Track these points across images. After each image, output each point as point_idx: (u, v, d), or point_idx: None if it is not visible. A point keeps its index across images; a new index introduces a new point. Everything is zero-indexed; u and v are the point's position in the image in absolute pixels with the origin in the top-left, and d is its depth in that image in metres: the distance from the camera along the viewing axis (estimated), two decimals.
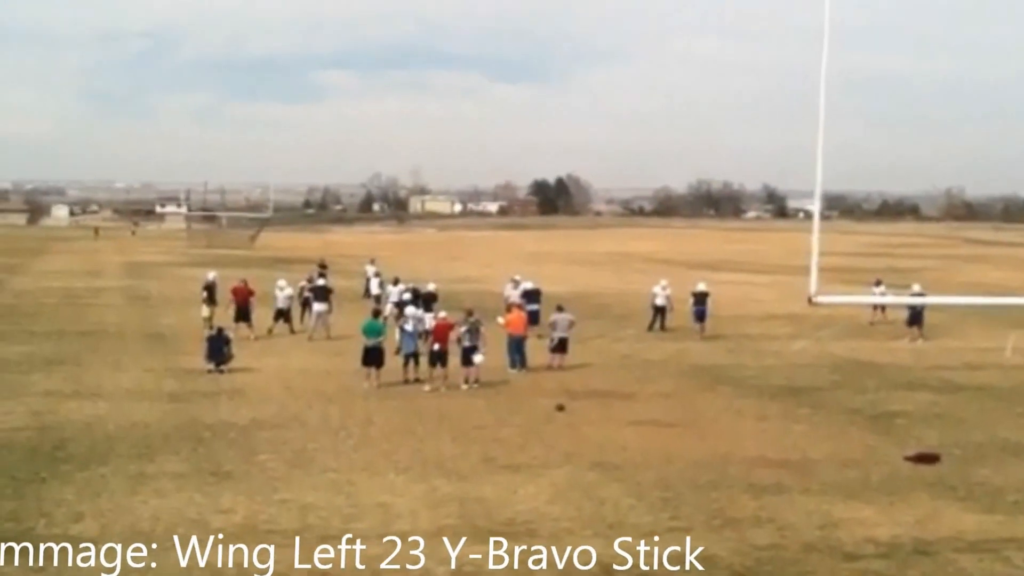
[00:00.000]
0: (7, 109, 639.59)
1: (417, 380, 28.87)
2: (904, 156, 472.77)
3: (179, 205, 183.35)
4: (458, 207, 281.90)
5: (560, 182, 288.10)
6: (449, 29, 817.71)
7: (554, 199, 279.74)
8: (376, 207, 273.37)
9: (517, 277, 43.43)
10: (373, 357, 28.60)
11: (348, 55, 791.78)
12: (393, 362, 29.33)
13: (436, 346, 28.50)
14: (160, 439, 21.86)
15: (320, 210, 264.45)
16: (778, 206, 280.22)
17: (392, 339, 30.47)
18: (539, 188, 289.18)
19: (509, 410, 25.70)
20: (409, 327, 29.86)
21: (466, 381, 28.41)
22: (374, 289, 46.22)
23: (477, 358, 28.76)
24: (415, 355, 29.36)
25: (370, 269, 50.90)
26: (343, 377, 29.30)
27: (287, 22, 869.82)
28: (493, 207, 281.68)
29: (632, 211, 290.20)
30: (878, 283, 44.74)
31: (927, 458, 21.17)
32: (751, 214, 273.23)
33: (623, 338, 39.61)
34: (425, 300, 37.35)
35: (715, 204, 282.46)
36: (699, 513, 17.36)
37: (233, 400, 26.21)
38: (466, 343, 28.77)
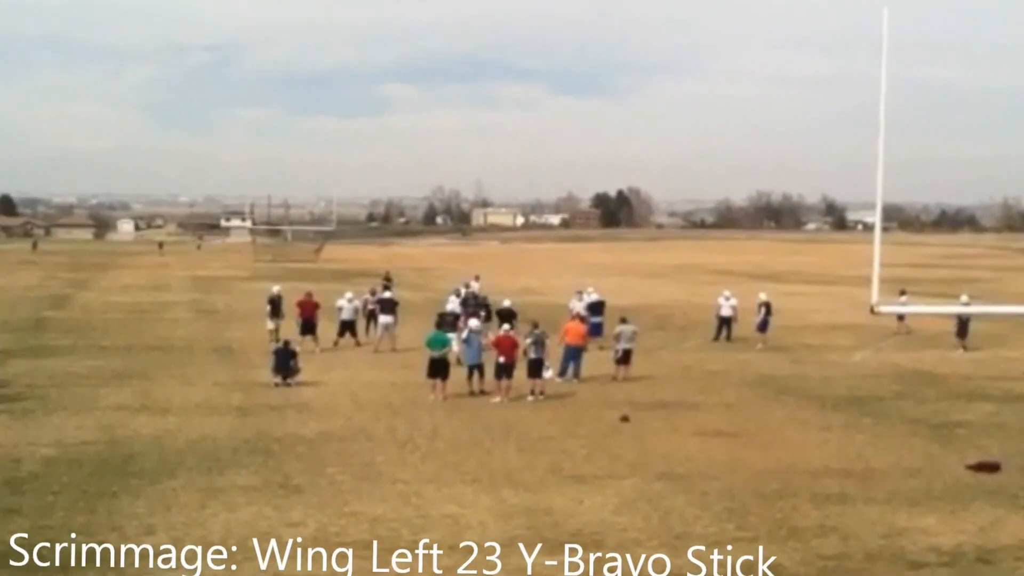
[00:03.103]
0: (72, 123, 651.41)
1: (482, 392, 29.14)
2: (962, 167, 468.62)
3: (243, 219, 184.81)
4: (520, 220, 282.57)
5: (621, 195, 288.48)
6: (512, 42, 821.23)
7: (615, 212, 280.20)
8: (439, 220, 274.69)
9: (589, 289, 43.46)
10: (438, 369, 28.79)
11: (410, 68, 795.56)
12: (458, 374, 29.65)
13: (501, 359, 28.77)
14: (229, 453, 22.14)
15: (383, 223, 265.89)
16: (837, 218, 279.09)
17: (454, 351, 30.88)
18: (601, 201, 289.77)
19: (574, 421, 25.83)
20: (466, 338, 30.29)
21: (532, 393, 28.59)
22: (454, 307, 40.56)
23: (547, 373, 29.10)
24: (479, 367, 29.66)
25: (474, 285, 46.58)
26: (409, 389, 29.53)
27: (349, 36, 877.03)
28: (555, 219, 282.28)
29: (693, 223, 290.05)
30: (902, 293, 44.22)
31: (988, 467, 21.17)
32: (811, 226, 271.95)
33: (686, 349, 39.72)
34: (502, 317, 36.71)
35: (775, 216, 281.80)
36: (764, 523, 17.45)
37: (300, 413, 26.50)
38: (532, 355, 29.01)
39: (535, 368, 28.93)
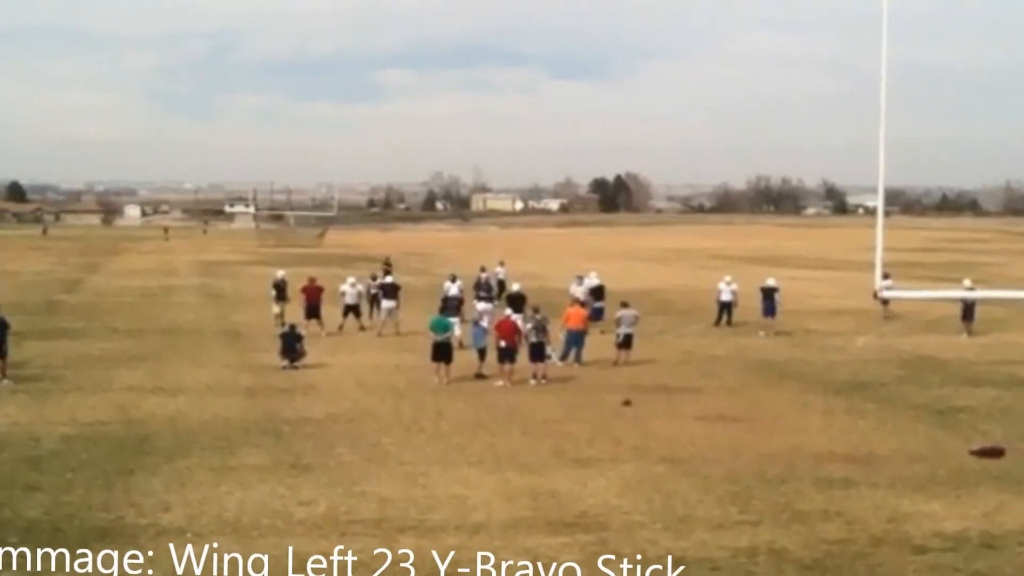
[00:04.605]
0: (78, 112, 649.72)
1: (482, 376, 29.35)
2: (964, 149, 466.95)
3: (247, 205, 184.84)
4: (519, 205, 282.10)
5: (619, 179, 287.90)
6: (509, 26, 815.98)
7: (614, 196, 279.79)
8: (439, 205, 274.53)
9: (591, 274, 43.58)
10: (442, 353, 28.99)
11: (409, 54, 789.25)
12: (461, 358, 29.84)
13: (503, 343, 28.98)
14: (240, 433, 22.43)
15: (384, 209, 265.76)
16: (838, 202, 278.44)
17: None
18: (599, 186, 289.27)
19: (577, 405, 26.02)
20: (484, 323, 30.47)
21: (534, 377, 28.79)
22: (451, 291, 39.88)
23: (553, 358, 29.22)
24: (482, 350, 29.87)
25: (500, 271, 49.00)
26: (413, 372, 29.77)
27: (348, 22, 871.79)
28: (554, 204, 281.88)
29: (692, 208, 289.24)
30: (886, 276, 44.00)
31: (992, 452, 21.24)
32: (810, 210, 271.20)
33: (687, 333, 39.85)
34: (512, 301, 36.90)
35: (774, 201, 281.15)
36: (768, 507, 17.59)
37: (308, 395, 26.79)
38: (533, 339, 29.18)
39: (537, 352, 29.13)
